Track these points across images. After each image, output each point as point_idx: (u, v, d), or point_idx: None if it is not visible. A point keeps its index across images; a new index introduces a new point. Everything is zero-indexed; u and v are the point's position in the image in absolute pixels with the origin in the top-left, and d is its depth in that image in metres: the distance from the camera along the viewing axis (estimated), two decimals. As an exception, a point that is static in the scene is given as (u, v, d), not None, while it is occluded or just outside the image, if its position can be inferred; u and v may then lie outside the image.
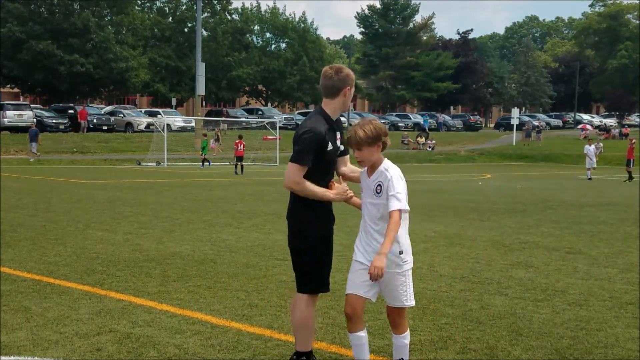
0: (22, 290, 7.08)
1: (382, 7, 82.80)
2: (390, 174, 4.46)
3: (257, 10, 77.62)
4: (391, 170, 4.49)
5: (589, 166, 30.01)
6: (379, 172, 4.49)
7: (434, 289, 7.47)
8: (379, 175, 4.48)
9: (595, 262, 9.32)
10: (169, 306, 6.55)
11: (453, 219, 13.86)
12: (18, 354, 5.10)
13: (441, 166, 42.31)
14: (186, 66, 63.99)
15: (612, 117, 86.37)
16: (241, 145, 30.94)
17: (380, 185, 4.46)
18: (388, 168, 4.50)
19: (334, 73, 4.71)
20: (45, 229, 11.42)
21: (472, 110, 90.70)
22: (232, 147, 33.09)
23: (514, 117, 61.05)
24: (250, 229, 11.84)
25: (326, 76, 4.72)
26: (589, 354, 5.40)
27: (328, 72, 4.74)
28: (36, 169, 29.72)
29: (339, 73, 4.70)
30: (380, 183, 4.47)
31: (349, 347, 5.41)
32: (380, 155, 4.51)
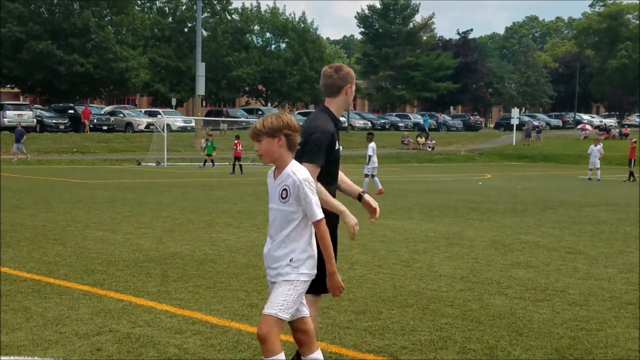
0: (22, 290, 7.08)
1: (382, 7, 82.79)
2: (297, 177, 4.04)
3: (257, 10, 77.60)
4: (299, 174, 4.06)
5: (591, 166, 29.92)
6: (285, 174, 4.11)
7: (434, 289, 7.47)
8: (285, 179, 4.09)
9: (595, 262, 9.32)
10: (169, 306, 6.55)
11: (453, 219, 13.86)
12: (18, 354, 5.11)
13: (441, 166, 42.30)
14: (186, 66, 63.98)
15: (612, 117, 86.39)
16: (240, 145, 30.96)
17: (287, 190, 4.08)
18: (295, 171, 4.08)
19: (333, 72, 4.72)
20: (45, 229, 11.42)
21: (472, 110, 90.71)
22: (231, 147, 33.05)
23: (514, 117, 61.07)
24: (250, 229, 11.84)
25: (326, 75, 4.74)
26: (589, 354, 5.40)
27: (328, 71, 4.75)
28: (36, 169, 29.71)
29: (339, 71, 4.72)
30: (286, 187, 4.08)
31: (349, 347, 5.42)
32: (286, 155, 4.11)
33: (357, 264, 8.80)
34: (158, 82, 64.17)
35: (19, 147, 34.53)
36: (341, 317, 6.29)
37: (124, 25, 57.15)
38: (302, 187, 4.02)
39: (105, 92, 60.75)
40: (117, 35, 55.67)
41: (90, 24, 51.63)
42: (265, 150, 4.11)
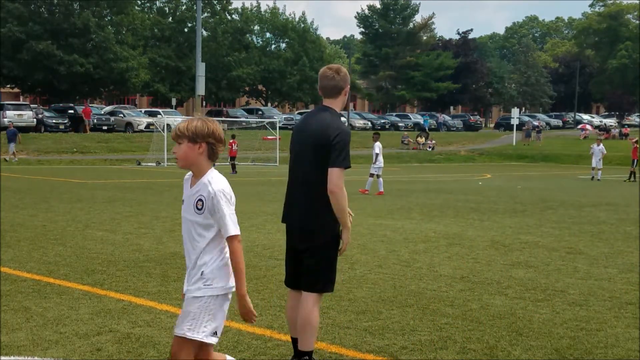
0: (22, 290, 7.08)
1: (382, 7, 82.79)
2: (213, 188, 3.75)
3: (257, 10, 77.58)
4: (215, 184, 3.77)
5: (594, 166, 29.84)
6: (202, 183, 3.80)
7: (434, 289, 7.47)
8: (202, 188, 3.79)
9: (595, 262, 9.32)
10: (169, 306, 6.55)
11: (453, 219, 13.86)
12: (18, 354, 5.11)
13: (441, 166, 42.30)
14: (186, 66, 63.97)
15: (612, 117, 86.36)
16: (235, 145, 31.15)
17: (202, 200, 3.78)
18: (212, 181, 3.79)
19: (335, 73, 4.78)
20: (45, 229, 11.42)
21: (472, 110, 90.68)
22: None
23: (514, 117, 61.06)
24: (250, 229, 11.84)
25: (328, 77, 4.78)
26: (589, 354, 5.40)
27: (329, 72, 4.80)
28: (36, 169, 29.72)
29: (339, 73, 4.79)
30: (201, 198, 3.78)
31: (349, 347, 5.42)
32: (205, 164, 3.81)
33: (357, 264, 8.80)
34: (158, 82, 64.14)
35: (11, 147, 34.22)
36: (341, 317, 6.29)
37: (124, 25, 57.11)
38: (216, 199, 3.74)
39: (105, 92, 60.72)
40: (117, 35, 55.64)
41: (90, 24, 51.60)
42: (183, 155, 3.79)
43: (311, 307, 4.68)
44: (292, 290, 4.99)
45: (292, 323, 4.96)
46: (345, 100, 4.84)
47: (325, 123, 4.66)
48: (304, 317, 4.67)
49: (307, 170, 4.71)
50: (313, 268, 4.73)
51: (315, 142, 4.64)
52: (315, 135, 4.65)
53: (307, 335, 4.68)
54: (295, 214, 4.79)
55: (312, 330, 4.68)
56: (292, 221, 4.84)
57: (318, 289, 4.76)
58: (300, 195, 4.75)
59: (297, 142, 4.83)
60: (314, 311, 4.70)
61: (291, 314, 4.96)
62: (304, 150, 4.74)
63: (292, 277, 4.93)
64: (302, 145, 4.76)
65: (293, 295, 4.99)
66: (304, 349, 4.72)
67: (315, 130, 4.67)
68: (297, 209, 4.77)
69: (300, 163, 4.77)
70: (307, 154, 4.71)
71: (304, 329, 4.68)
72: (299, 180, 4.78)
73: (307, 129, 4.76)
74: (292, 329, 4.99)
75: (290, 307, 4.98)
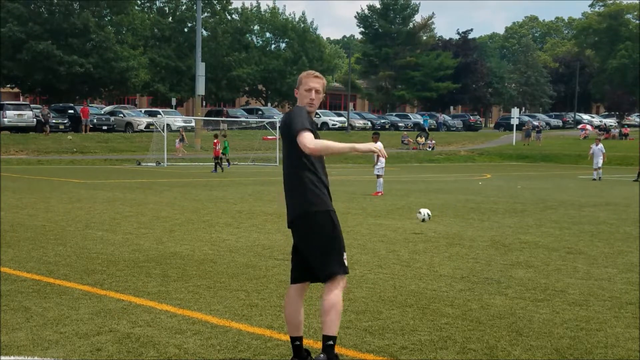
0: (22, 290, 7.08)
1: (382, 7, 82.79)
2: None
3: (257, 10, 77.59)
4: None
5: (595, 166, 29.77)
6: None
7: (434, 289, 7.47)
8: None
9: (595, 262, 9.32)
10: (169, 306, 6.55)
11: (453, 219, 13.86)
12: (18, 354, 5.10)
13: (441, 166, 42.31)
14: (186, 66, 63.96)
15: (612, 117, 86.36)
16: (218, 145, 31.48)
17: None
18: None
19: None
20: (45, 229, 11.43)
21: (472, 110, 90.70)
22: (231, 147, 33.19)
23: (514, 117, 61.09)
24: (250, 229, 11.84)
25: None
26: (589, 354, 5.40)
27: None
28: (36, 169, 29.72)
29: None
30: None
31: (349, 347, 5.42)
32: None
33: (357, 264, 8.80)
34: (158, 82, 64.14)
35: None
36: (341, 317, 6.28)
37: (124, 25, 57.11)
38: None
39: (105, 92, 60.70)
40: (117, 35, 55.63)
41: (90, 24, 51.60)
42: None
43: (335, 294, 4.76)
44: (295, 286, 5.01)
45: (293, 322, 4.97)
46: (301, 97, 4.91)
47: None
48: (329, 303, 4.75)
49: (286, 164, 4.95)
50: (318, 256, 4.82)
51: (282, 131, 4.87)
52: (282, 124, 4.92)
53: (331, 319, 4.75)
54: (288, 208, 4.98)
55: (334, 315, 4.76)
56: (289, 217, 4.98)
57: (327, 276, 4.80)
58: (286, 190, 4.98)
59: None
60: (337, 298, 4.76)
61: (291, 312, 4.96)
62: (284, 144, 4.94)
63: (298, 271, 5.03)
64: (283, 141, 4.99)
65: (294, 292, 5.00)
66: (328, 332, 4.77)
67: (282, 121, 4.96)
68: (288, 203, 4.96)
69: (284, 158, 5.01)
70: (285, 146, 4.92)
71: (328, 313, 4.75)
72: (283, 177, 5.02)
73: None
74: (291, 328, 4.99)
75: (290, 305, 4.98)
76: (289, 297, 5.04)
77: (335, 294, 4.76)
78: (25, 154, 37.56)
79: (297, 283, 5.03)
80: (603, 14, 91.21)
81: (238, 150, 44.18)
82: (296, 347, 4.97)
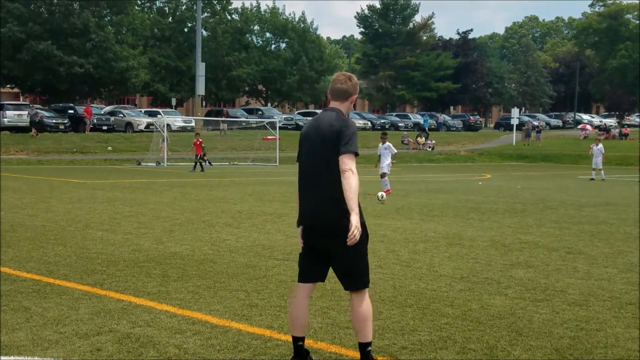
0: (22, 290, 7.08)
1: (382, 7, 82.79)
2: None
3: (257, 10, 77.60)
4: None
5: (594, 166, 29.73)
6: None
7: (434, 289, 7.47)
8: None
9: (595, 262, 9.32)
10: (169, 306, 6.55)
11: (453, 219, 13.86)
12: (18, 354, 5.11)
13: (441, 166, 42.31)
14: (186, 66, 63.96)
15: (612, 117, 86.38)
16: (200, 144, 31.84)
17: None
18: None
19: (347, 79, 5.01)
20: (45, 229, 11.42)
21: (472, 110, 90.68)
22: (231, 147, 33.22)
23: (514, 117, 61.07)
24: (250, 229, 11.84)
25: (340, 81, 5.00)
26: (589, 354, 5.40)
27: (342, 77, 5.02)
28: (36, 169, 29.72)
29: (351, 80, 5.02)
30: None
31: (349, 347, 5.42)
32: None
33: (357, 264, 8.78)
34: (158, 82, 64.14)
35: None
36: (341, 317, 6.29)
37: (124, 25, 57.10)
38: None
39: (105, 92, 60.71)
40: (117, 35, 55.63)
41: (90, 24, 51.59)
42: None
43: (366, 303, 4.85)
44: (305, 285, 4.98)
45: (299, 322, 4.94)
46: (350, 107, 5.04)
47: (332, 118, 4.86)
48: (362, 315, 4.82)
49: (323, 168, 4.81)
50: (353, 267, 4.85)
51: (325, 136, 4.78)
52: (325, 130, 4.81)
53: (367, 328, 4.84)
54: (317, 213, 4.84)
55: (370, 322, 4.86)
56: (314, 222, 4.86)
57: (361, 285, 4.87)
58: (319, 194, 4.83)
59: (309, 142, 4.92)
60: (369, 304, 4.87)
61: (298, 312, 4.94)
62: (313, 147, 4.85)
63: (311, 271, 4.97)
64: (314, 144, 4.86)
65: (304, 292, 4.97)
66: (366, 340, 4.84)
67: (324, 125, 4.84)
68: (319, 208, 4.83)
69: (315, 162, 4.85)
70: (317, 151, 4.82)
71: (364, 324, 4.83)
72: (315, 180, 4.86)
73: (317, 127, 4.90)
74: (296, 328, 4.95)
75: (298, 305, 4.95)
76: (298, 297, 4.99)
77: (367, 303, 4.86)
78: (25, 154, 37.55)
79: (309, 283, 5.00)
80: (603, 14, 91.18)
81: (238, 150, 44.20)
82: (299, 347, 4.95)
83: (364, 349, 4.85)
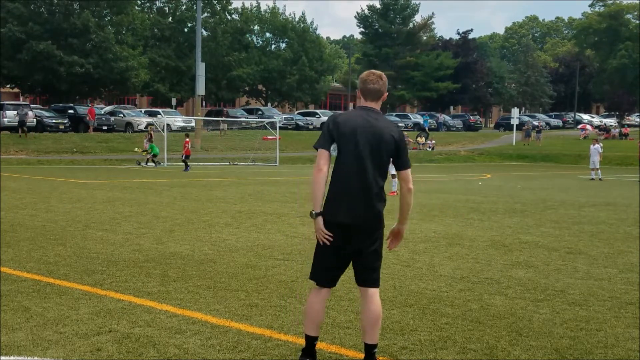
0: (22, 290, 7.08)
1: (382, 7, 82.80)
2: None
3: (257, 10, 77.60)
4: None
5: (592, 166, 29.78)
6: None
7: (434, 289, 7.47)
8: None
9: (595, 262, 9.32)
10: (169, 306, 6.55)
11: (453, 219, 13.86)
12: (18, 354, 5.10)
13: (441, 166, 42.30)
14: (186, 66, 63.95)
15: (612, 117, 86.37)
16: (188, 144, 31.94)
17: None
18: None
19: (379, 78, 4.93)
20: (45, 229, 11.42)
21: (472, 110, 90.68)
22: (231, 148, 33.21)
23: (514, 117, 61.07)
24: (250, 229, 11.83)
25: (372, 81, 4.92)
26: (589, 354, 5.40)
27: (373, 77, 4.93)
28: (36, 169, 29.71)
29: (382, 78, 4.96)
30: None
31: (349, 347, 5.42)
32: None
33: (357, 264, 8.79)
34: (158, 82, 64.12)
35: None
36: (341, 317, 6.29)
37: (124, 25, 57.07)
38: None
39: (105, 92, 60.70)
40: (117, 35, 55.60)
41: (90, 24, 51.57)
42: None
43: (380, 303, 4.90)
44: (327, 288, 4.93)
45: (318, 322, 4.92)
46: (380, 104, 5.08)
47: (390, 123, 4.93)
48: (377, 313, 4.84)
49: (374, 169, 4.78)
50: (377, 264, 4.92)
51: (385, 141, 4.78)
52: (386, 135, 4.80)
53: (377, 329, 4.86)
54: (363, 213, 4.78)
55: (380, 323, 4.89)
56: (357, 220, 4.78)
57: (379, 283, 4.99)
58: (363, 193, 4.77)
59: (361, 140, 4.77)
60: (380, 305, 4.92)
61: (319, 313, 4.91)
62: (371, 149, 4.76)
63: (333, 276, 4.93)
64: (372, 146, 4.77)
65: (326, 295, 4.95)
66: (374, 342, 4.84)
67: (386, 131, 4.81)
68: (366, 209, 4.78)
69: (366, 161, 4.77)
70: (374, 154, 4.77)
71: (376, 323, 4.83)
72: (361, 178, 4.77)
73: (371, 128, 4.80)
74: (314, 327, 4.90)
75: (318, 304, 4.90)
76: (322, 299, 4.92)
77: (380, 303, 4.89)
78: (25, 154, 37.54)
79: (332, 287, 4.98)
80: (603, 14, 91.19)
81: (238, 150, 44.20)
82: (312, 347, 4.94)
83: (370, 350, 4.85)
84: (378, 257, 4.92)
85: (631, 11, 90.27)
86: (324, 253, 4.84)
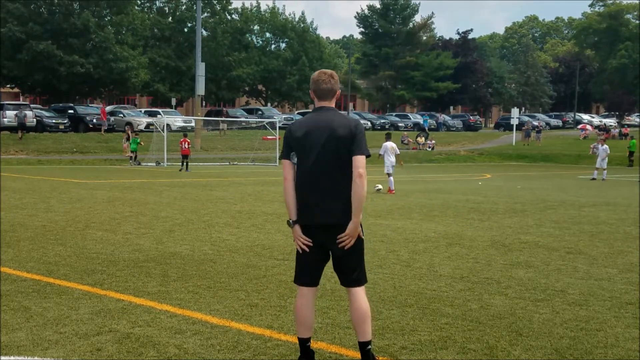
0: (22, 290, 7.08)
1: (382, 7, 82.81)
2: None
3: (256, 10, 77.59)
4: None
5: (598, 166, 29.63)
6: None
7: (434, 289, 7.47)
8: None
9: (595, 262, 9.32)
10: (169, 306, 6.55)
11: (453, 219, 13.86)
12: (18, 354, 5.10)
13: (441, 166, 42.31)
14: (186, 66, 63.94)
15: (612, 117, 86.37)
16: (186, 143, 31.65)
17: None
18: None
19: (330, 77, 5.01)
20: (45, 229, 11.42)
21: (472, 110, 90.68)
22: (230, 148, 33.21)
23: (514, 117, 61.07)
24: (250, 229, 11.83)
25: (324, 81, 5.00)
26: (589, 354, 5.40)
27: (324, 77, 5.02)
28: (36, 169, 29.71)
29: (333, 77, 5.03)
30: None
31: (349, 347, 5.42)
32: None
33: (357, 264, 8.78)
34: (158, 82, 64.10)
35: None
36: (341, 317, 6.29)
37: (124, 25, 57.06)
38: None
39: (105, 92, 60.69)
40: (117, 35, 55.59)
41: (90, 24, 51.56)
42: None
43: (365, 300, 4.90)
44: (307, 287, 4.94)
45: (307, 324, 4.91)
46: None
47: (343, 117, 4.92)
48: (364, 311, 4.85)
49: (332, 165, 4.79)
50: (356, 263, 4.90)
51: (338, 135, 4.77)
52: (338, 128, 4.80)
53: (367, 326, 4.87)
54: (324, 210, 4.80)
55: (369, 320, 4.90)
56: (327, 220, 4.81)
57: (363, 281, 4.96)
58: (327, 191, 4.80)
59: (315, 142, 4.82)
60: (367, 302, 4.91)
61: (306, 313, 4.91)
62: (325, 146, 4.79)
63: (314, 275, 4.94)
64: (322, 142, 4.81)
65: (308, 293, 4.94)
66: (366, 339, 4.85)
67: (337, 124, 4.82)
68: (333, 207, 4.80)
69: (322, 159, 4.81)
70: (329, 149, 4.79)
71: (364, 321, 4.85)
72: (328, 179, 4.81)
73: (324, 127, 4.83)
74: (304, 329, 4.91)
75: (304, 305, 4.91)
76: (308, 300, 4.94)
77: (365, 301, 4.89)
78: (25, 154, 37.54)
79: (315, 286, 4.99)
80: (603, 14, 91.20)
81: (238, 150, 44.19)
82: (307, 348, 4.94)
83: (363, 348, 4.86)
84: (358, 258, 4.90)
85: (631, 11, 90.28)
86: (304, 255, 4.92)
